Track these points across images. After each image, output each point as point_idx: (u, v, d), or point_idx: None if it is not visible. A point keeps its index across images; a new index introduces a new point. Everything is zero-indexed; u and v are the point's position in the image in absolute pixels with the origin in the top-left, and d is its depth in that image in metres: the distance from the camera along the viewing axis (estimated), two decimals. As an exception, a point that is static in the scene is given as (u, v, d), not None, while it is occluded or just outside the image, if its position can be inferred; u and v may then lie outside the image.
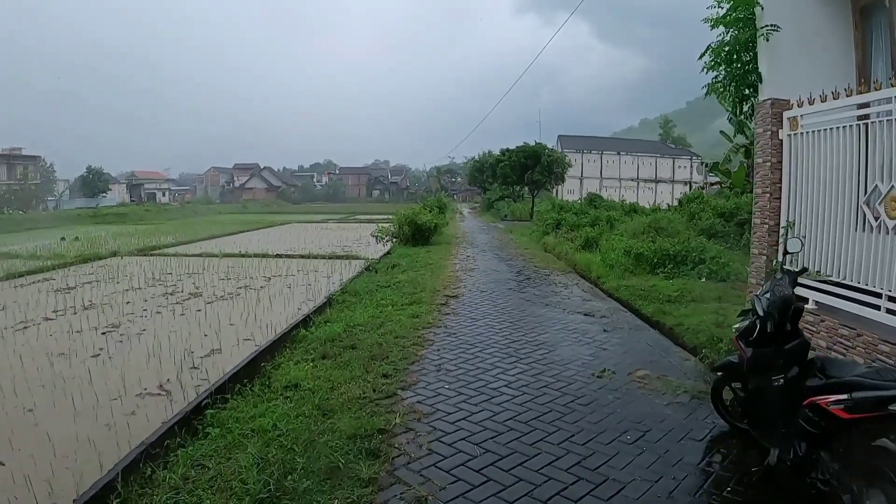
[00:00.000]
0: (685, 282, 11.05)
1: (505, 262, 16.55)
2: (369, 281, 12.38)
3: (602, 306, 10.38)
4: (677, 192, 78.14)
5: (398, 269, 14.46)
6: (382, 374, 6.29)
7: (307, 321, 8.61)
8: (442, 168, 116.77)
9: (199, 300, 11.03)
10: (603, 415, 5.37)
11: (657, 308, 9.27)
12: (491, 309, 10.13)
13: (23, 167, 72.21)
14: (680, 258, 12.29)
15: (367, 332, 8.05)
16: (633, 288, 10.84)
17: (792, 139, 5.99)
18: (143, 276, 14.04)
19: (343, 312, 9.34)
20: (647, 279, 11.60)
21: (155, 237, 25.04)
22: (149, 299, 11.10)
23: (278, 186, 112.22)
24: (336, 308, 9.78)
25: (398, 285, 11.88)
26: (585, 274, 13.70)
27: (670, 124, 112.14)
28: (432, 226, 20.99)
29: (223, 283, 13.11)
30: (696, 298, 9.76)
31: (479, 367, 6.76)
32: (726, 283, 11.04)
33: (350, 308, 9.71)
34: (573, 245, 17.09)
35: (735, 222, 16.20)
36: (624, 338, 8.17)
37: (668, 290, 10.27)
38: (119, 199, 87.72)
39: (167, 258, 17.59)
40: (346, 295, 10.78)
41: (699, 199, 20.03)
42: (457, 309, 10.11)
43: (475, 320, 9.24)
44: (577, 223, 20.68)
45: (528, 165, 40.91)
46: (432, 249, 19.00)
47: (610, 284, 11.72)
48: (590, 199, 26.96)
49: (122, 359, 7.27)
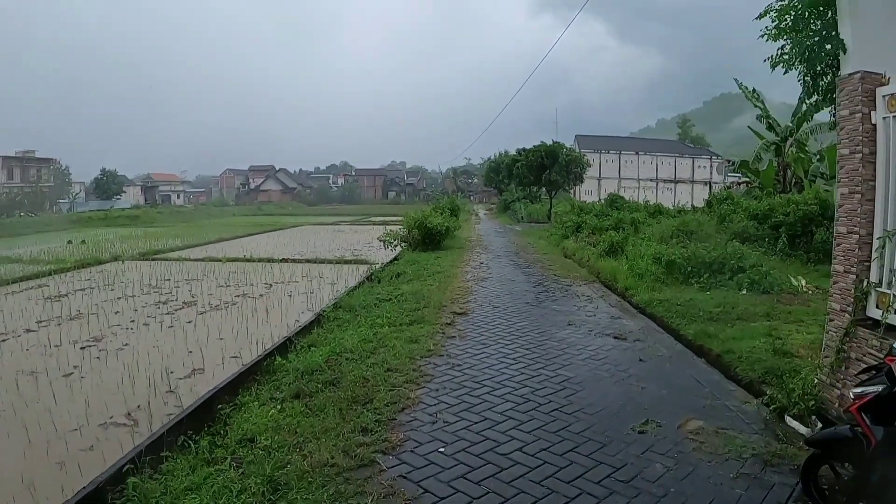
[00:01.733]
0: (725, 294, 9.75)
1: (521, 271, 15.09)
2: (369, 293, 11.11)
3: (634, 326, 8.99)
4: (697, 192, 77.04)
5: (403, 278, 13.13)
6: (361, 428, 4.92)
7: (286, 347, 7.36)
8: (458, 169, 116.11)
9: (191, 310, 10.53)
10: (653, 498, 3.96)
11: (699, 329, 7.87)
12: (504, 330, 8.72)
13: (36, 170, 72.47)
14: (716, 266, 10.94)
15: (355, 361, 6.76)
16: (668, 303, 9.47)
17: (891, 123, 4.59)
18: (140, 282, 13.68)
19: (332, 333, 8.15)
20: (681, 291, 10.25)
21: (162, 240, 25.00)
22: (139, 309, 10.63)
23: (294, 188, 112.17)
24: (326, 327, 8.62)
25: (400, 299, 10.57)
26: (611, 284, 12.28)
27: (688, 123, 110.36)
28: (443, 230, 19.59)
29: (221, 290, 12.57)
30: (742, 316, 8.43)
31: (487, 418, 5.33)
32: (771, 296, 9.72)
33: (341, 328, 8.52)
34: (595, 251, 15.61)
35: (769, 225, 14.76)
36: (665, 370, 6.75)
37: (707, 305, 8.94)
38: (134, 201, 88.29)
39: (169, 263, 17.47)
40: (340, 311, 9.56)
41: (729, 200, 18.50)
42: (464, 330, 8.73)
43: (485, 346, 7.82)
44: (598, 226, 19.26)
45: (546, 165, 39.40)
46: (443, 255, 17.62)
47: (640, 298, 10.33)
48: (611, 199, 25.36)
49: (96, 379, 6.80)
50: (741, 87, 22.35)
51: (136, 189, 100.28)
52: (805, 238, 13.87)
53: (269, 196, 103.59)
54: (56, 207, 69.89)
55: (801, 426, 4.90)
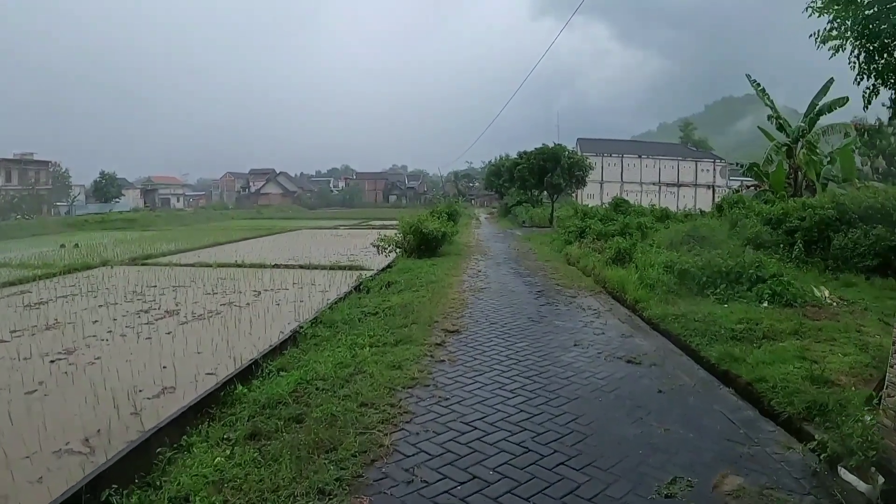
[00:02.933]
0: (745, 308, 8.82)
1: (522, 279, 14.08)
2: (355, 305, 10.21)
3: (648, 346, 7.97)
4: (700, 196, 76.45)
5: (393, 288, 12.17)
6: (318, 489, 3.94)
7: (254, 370, 6.50)
8: (460, 173, 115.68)
9: (173, 320, 10.05)
10: None
11: (723, 351, 6.92)
12: (501, 353, 7.64)
13: (34, 172, 72.09)
14: (733, 276, 10.00)
15: (326, 392, 5.83)
16: (684, 318, 8.51)
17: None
18: (125, 288, 13.24)
19: (307, 355, 7.24)
20: (696, 304, 9.31)
21: (156, 244, 24.60)
22: (119, 318, 10.16)
23: (294, 192, 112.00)
24: (302, 346, 7.74)
25: (388, 313, 9.64)
26: (619, 295, 11.24)
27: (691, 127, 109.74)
28: (440, 235, 18.46)
29: (207, 298, 12.08)
30: (768, 334, 7.50)
31: (477, 476, 4.30)
32: (795, 310, 8.80)
33: (318, 347, 7.63)
34: (601, 258, 14.56)
35: (783, 230, 13.86)
36: (689, 405, 5.74)
37: (728, 321, 8.00)
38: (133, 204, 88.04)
39: (159, 268, 17.06)
40: (319, 327, 8.62)
41: (741, 204, 17.52)
42: (456, 353, 7.62)
43: (478, 374, 6.74)
44: (603, 231, 18.29)
45: (548, 168, 38.52)
46: (439, 262, 16.59)
47: (653, 312, 9.32)
48: (615, 203, 24.28)
49: (59, 398, 6.36)
50: (753, 83, 21.50)
51: (136, 192, 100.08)
52: (821, 244, 12.96)
53: (269, 199, 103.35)
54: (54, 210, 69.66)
55: (859, 482, 4.01)
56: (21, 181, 68.52)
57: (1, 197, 61.92)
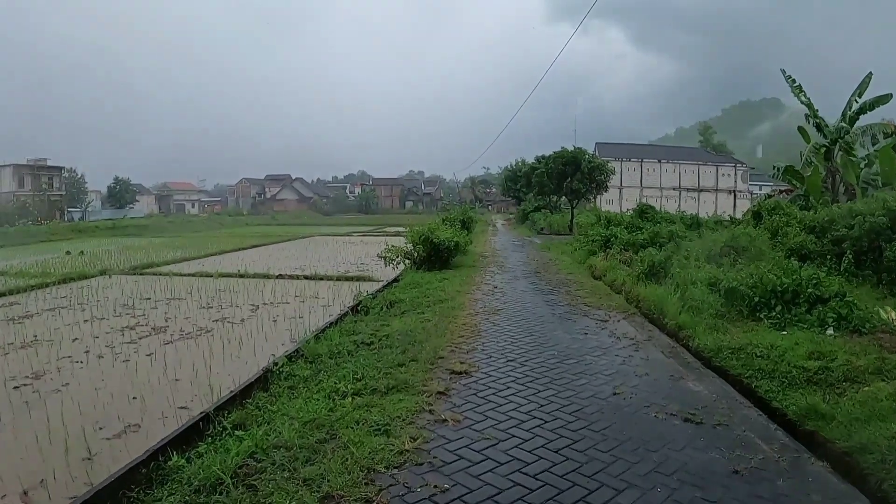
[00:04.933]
0: (809, 337, 7.43)
1: (544, 298, 12.49)
2: (348, 332, 8.90)
3: (705, 393, 6.36)
4: (721, 201, 74.99)
5: (396, 308, 10.84)
6: None
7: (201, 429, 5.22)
8: (476, 178, 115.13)
9: (157, 338, 9.37)
10: None
11: (802, 403, 5.50)
12: (521, 408, 5.87)
13: (47, 178, 72.63)
14: (789, 296, 8.64)
15: (284, 470, 4.40)
16: (744, 352, 7.08)
17: None
18: (118, 301, 12.75)
19: (276, 404, 5.85)
20: (751, 331, 7.97)
21: (161, 252, 24.28)
22: (101, 335, 9.54)
23: (310, 197, 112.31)
24: (274, 388, 6.36)
25: (384, 343, 8.12)
26: (657, 319, 9.72)
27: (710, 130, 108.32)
28: (452, 246, 16.90)
29: (200, 313, 11.44)
30: (849, 375, 6.06)
31: None
32: (866, 338, 7.39)
33: (291, 393, 6.22)
34: (631, 271, 13.09)
35: (829, 239, 12.67)
36: (778, 492, 4.22)
37: (795, 356, 6.60)
38: (147, 210, 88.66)
39: (158, 278, 16.48)
40: (300, 363, 7.25)
41: (781, 211, 16.02)
42: (462, 406, 5.88)
43: (491, 444, 4.98)
44: (632, 241, 16.85)
45: (567, 173, 37.30)
46: (450, 276, 15.20)
47: (703, 342, 7.81)
48: (640, 210, 22.77)
49: (9, 435, 5.67)
50: (788, 79, 20.29)
51: (151, 198, 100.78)
52: (872, 255, 11.67)
53: (284, 205, 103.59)
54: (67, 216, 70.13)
55: None
56: (34, 187, 69.03)
57: (12, 202, 62.25)
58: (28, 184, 69.03)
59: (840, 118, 19.54)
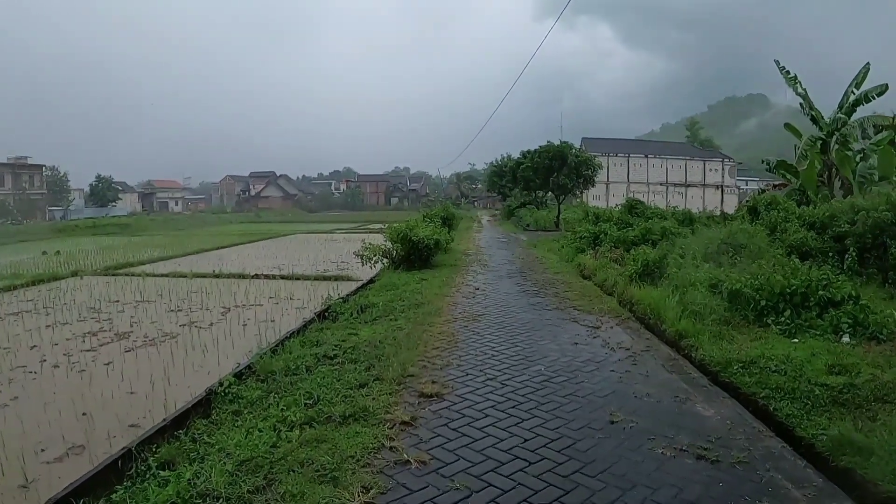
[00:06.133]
0: (825, 346, 6.73)
1: (529, 300, 11.58)
2: (311, 342, 8.00)
3: (717, 419, 5.38)
4: (709, 196, 74.76)
5: (368, 314, 9.93)
6: None
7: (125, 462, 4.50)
8: (462, 174, 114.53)
9: (119, 345, 8.77)
10: None
11: (831, 431, 4.68)
12: (502, 443, 4.94)
13: (28, 176, 71.51)
14: (798, 299, 7.90)
15: None
16: (757, 366, 6.23)
17: None
18: (85, 304, 12.14)
19: (214, 436, 4.96)
20: (759, 338, 7.22)
21: (139, 251, 23.58)
22: (61, 342, 8.97)
23: (295, 195, 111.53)
24: (217, 413, 5.51)
25: (349, 357, 7.20)
26: (654, 325, 8.81)
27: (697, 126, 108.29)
28: (431, 244, 15.96)
29: (168, 316, 10.86)
30: (879, 393, 5.26)
31: None
32: (890, 347, 6.72)
33: (234, 420, 5.31)
34: (623, 271, 12.12)
35: (831, 236, 12.08)
36: None
37: (814, 370, 5.85)
38: (130, 208, 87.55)
39: (130, 279, 15.86)
40: (248, 383, 6.29)
41: (778, 206, 15.24)
42: (430, 442, 4.93)
43: (461, 498, 4.07)
44: (622, 238, 16.04)
45: (554, 168, 36.38)
46: (430, 276, 14.29)
47: (708, 353, 6.91)
48: (629, 205, 21.91)
49: None
50: (782, 70, 19.78)
51: (134, 196, 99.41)
52: (876, 252, 11.09)
53: (269, 203, 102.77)
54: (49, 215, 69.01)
55: None
56: (15, 186, 67.89)
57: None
58: (8, 182, 67.84)
59: (837, 109, 19.02)
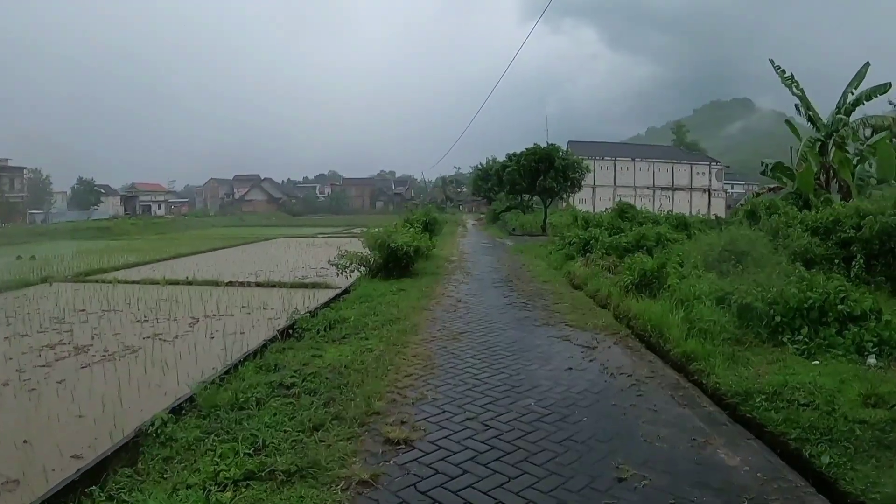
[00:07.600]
0: (851, 369, 5.94)
1: (516, 315, 10.53)
2: (268, 367, 6.96)
3: (744, 469, 4.42)
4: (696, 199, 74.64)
5: (337, 330, 8.93)
6: None
7: None
8: (448, 178, 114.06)
9: (76, 360, 8.26)
10: None
11: (884, 483, 3.88)
12: None
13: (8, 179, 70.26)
14: (815, 314, 7.11)
15: None
16: (783, 398, 5.33)
17: None
18: (49, 314, 11.56)
19: (134, 494, 3.96)
20: (776, 360, 6.39)
21: (114, 256, 22.77)
22: (15, 357, 8.38)
23: (279, 198, 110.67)
24: (144, 462, 4.52)
25: (308, 386, 6.17)
26: (656, 344, 7.86)
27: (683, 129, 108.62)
28: (411, 251, 14.90)
29: (133, 328, 10.28)
30: None
31: None
32: None
33: (163, 472, 4.34)
34: (618, 281, 11.08)
35: (835, 241, 11.40)
36: None
37: (847, 403, 5.01)
38: (113, 211, 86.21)
39: (101, 286, 15.13)
40: (189, 417, 5.36)
41: (778, 210, 14.56)
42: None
43: None
44: (615, 245, 15.03)
45: (540, 170, 35.49)
46: (408, 285, 13.27)
47: (723, 380, 5.97)
48: (620, 210, 21.03)
49: None
50: (777, 70, 19.24)
51: (117, 199, 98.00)
52: (885, 259, 10.48)
53: (253, 206, 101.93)
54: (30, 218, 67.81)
55: None
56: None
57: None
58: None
59: (835, 110, 18.52)
